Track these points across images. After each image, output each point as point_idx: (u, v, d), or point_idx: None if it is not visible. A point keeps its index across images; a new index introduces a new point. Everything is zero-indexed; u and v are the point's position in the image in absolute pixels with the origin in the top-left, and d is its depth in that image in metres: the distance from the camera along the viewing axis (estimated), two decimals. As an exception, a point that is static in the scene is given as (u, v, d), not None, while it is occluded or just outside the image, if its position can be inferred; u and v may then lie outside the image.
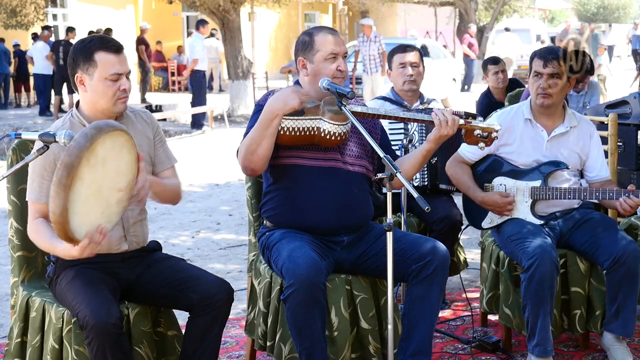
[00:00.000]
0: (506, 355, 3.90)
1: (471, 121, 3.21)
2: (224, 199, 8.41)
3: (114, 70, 3.01)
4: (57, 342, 2.97)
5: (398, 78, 4.65)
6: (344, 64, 3.34)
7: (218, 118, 15.89)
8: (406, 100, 4.65)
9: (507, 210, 3.81)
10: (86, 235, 2.72)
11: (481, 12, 29.40)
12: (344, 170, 3.33)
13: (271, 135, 3.18)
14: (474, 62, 21.96)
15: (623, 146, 4.72)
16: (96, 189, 2.72)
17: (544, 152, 3.82)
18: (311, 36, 3.37)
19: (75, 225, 2.67)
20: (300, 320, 3.08)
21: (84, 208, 2.68)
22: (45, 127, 3.06)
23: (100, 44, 3.02)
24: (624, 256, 3.58)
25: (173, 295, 3.08)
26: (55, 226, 2.64)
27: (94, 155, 2.66)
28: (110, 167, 2.76)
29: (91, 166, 2.66)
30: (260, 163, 3.23)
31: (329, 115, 3.20)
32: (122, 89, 3.03)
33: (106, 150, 2.71)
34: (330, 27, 3.63)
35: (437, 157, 4.43)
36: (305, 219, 3.31)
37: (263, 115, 3.18)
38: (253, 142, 3.20)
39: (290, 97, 3.13)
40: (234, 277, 5.37)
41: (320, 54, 3.33)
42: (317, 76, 3.34)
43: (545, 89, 3.75)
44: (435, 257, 3.22)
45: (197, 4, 15.68)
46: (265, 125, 3.17)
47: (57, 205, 2.59)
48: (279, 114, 3.15)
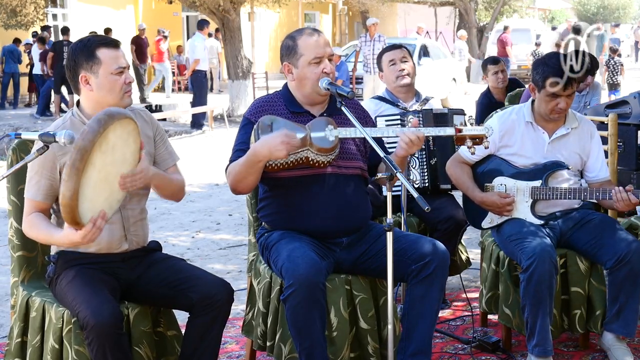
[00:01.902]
0: (506, 355, 3.90)
1: (462, 129, 3.20)
2: (224, 199, 8.41)
3: (118, 65, 3.04)
4: (57, 342, 2.97)
5: (390, 75, 4.65)
6: (330, 66, 3.31)
7: (218, 118, 15.89)
8: (401, 99, 4.65)
9: (506, 211, 3.81)
10: (90, 220, 2.73)
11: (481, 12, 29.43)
12: (338, 174, 3.32)
13: (257, 172, 3.21)
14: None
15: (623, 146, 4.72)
16: (105, 175, 2.76)
17: (545, 154, 3.82)
18: (294, 40, 3.35)
19: (83, 209, 2.69)
20: (300, 320, 3.08)
21: (92, 193, 2.71)
22: (45, 127, 3.07)
23: (100, 41, 3.06)
24: (627, 255, 3.58)
25: (173, 296, 3.08)
26: (64, 209, 2.65)
27: (105, 141, 2.70)
28: (118, 154, 2.80)
29: (102, 152, 2.70)
30: (248, 189, 3.34)
31: (316, 147, 3.20)
32: (128, 82, 3.07)
33: (117, 137, 2.76)
34: (313, 28, 3.61)
35: (437, 158, 4.43)
36: (303, 225, 3.31)
37: (249, 155, 3.17)
38: (239, 175, 3.23)
39: (278, 147, 3.08)
40: (233, 277, 5.37)
41: (304, 58, 3.31)
42: (302, 81, 3.33)
43: (563, 109, 3.74)
44: (435, 257, 3.22)
45: (197, 4, 15.68)
46: (251, 165, 3.18)
47: (68, 188, 2.61)
48: (263, 160, 3.15)
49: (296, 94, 3.39)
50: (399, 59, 4.63)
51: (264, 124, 3.21)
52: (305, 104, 3.38)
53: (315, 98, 3.35)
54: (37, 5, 18.08)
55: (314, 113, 3.38)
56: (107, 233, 3.01)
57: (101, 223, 2.77)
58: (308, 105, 3.38)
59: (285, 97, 3.41)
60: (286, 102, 3.39)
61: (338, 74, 14.66)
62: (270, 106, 3.39)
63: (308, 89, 3.34)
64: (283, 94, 3.43)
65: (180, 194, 3.28)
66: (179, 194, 3.27)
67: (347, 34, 31.91)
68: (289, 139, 3.09)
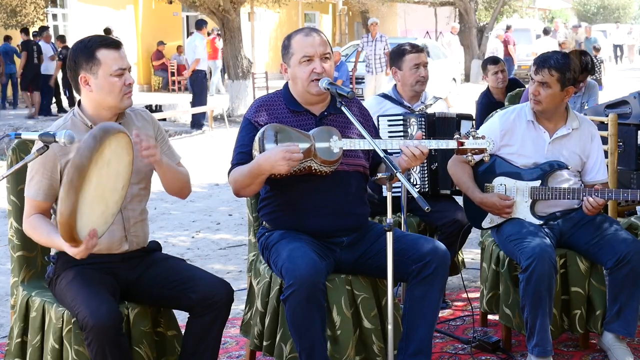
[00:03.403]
0: (506, 355, 3.90)
1: (464, 142, 3.21)
2: (223, 199, 8.41)
3: (118, 66, 3.02)
4: (57, 342, 2.97)
5: (410, 78, 4.60)
6: (321, 66, 3.28)
7: (218, 118, 15.89)
8: (407, 100, 4.64)
9: (505, 212, 3.81)
10: (84, 240, 2.73)
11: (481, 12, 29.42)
12: (340, 170, 3.32)
13: (260, 183, 3.23)
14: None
15: (623, 146, 4.71)
16: (100, 191, 2.74)
17: (545, 154, 3.83)
18: (289, 39, 3.37)
19: (80, 226, 2.69)
20: (300, 320, 3.07)
21: (89, 210, 2.70)
22: (45, 127, 3.06)
23: (100, 42, 3.04)
24: (628, 255, 3.58)
25: (173, 296, 3.08)
26: (62, 227, 2.65)
27: (101, 157, 2.69)
28: (113, 169, 2.78)
29: (99, 168, 2.68)
30: (251, 195, 3.41)
31: (321, 159, 3.20)
32: (128, 84, 3.05)
33: (112, 152, 2.74)
34: (312, 27, 3.61)
35: (437, 163, 4.42)
36: (304, 223, 3.31)
37: (252, 168, 3.17)
38: (242, 183, 3.25)
39: (280, 163, 3.07)
40: (233, 277, 5.37)
41: (295, 57, 3.31)
42: (294, 80, 3.34)
43: (535, 96, 3.78)
44: (435, 257, 3.22)
45: (197, 4, 15.67)
46: (254, 177, 3.19)
47: (66, 206, 2.60)
48: (265, 174, 3.15)
49: (294, 93, 3.39)
50: (422, 64, 4.62)
51: (269, 134, 3.19)
52: (304, 104, 3.38)
53: (309, 98, 3.35)
54: (37, 5, 18.07)
55: (314, 112, 3.38)
56: (108, 234, 3.00)
57: (94, 242, 2.76)
58: (307, 104, 3.38)
59: (285, 96, 3.41)
60: (286, 102, 3.39)
61: (338, 74, 14.65)
62: (270, 106, 3.38)
63: (300, 88, 3.34)
64: (283, 93, 3.43)
65: (187, 189, 3.26)
66: (186, 188, 3.25)
67: (347, 34, 31.91)
68: (291, 155, 3.08)
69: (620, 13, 48.02)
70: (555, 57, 3.76)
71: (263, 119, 3.33)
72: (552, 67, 3.73)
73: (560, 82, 3.72)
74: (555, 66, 3.72)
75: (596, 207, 3.66)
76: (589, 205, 3.66)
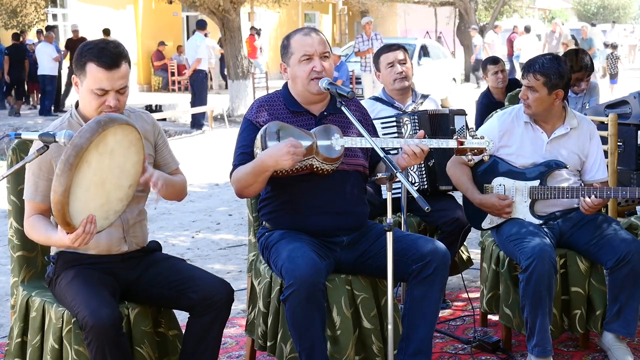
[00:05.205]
0: (506, 355, 3.90)
1: (464, 142, 3.21)
2: (223, 199, 8.41)
3: (100, 86, 2.94)
4: (57, 342, 2.97)
5: (388, 77, 4.62)
6: (320, 64, 3.28)
7: (218, 118, 15.89)
8: (397, 101, 4.63)
9: (505, 213, 3.81)
10: (80, 224, 2.72)
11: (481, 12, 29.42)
12: (340, 170, 3.32)
13: (263, 181, 3.22)
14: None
15: (623, 146, 4.71)
16: (100, 179, 2.73)
17: (544, 154, 3.83)
18: (288, 39, 3.37)
19: (74, 209, 2.67)
20: (300, 320, 3.07)
21: (85, 195, 2.69)
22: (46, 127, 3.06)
23: (95, 55, 2.93)
24: (629, 255, 3.59)
25: (173, 296, 3.08)
26: (55, 206, 2.63)
27: (104, 143, 2.68)
28: (117, 162, 2.77)
29: (100, 154, 2.68)
30: (254, 194, 3.38)
31: (322, 156, 3.21)
32: (107, 105, 2.95)
33: (116, 141, 2.73)
34: (312, 27, 3.61)
35: (434, 159, 4.42)
36: (304, 223, 3.32)
37: (255, 165, 3.18)
38: (246, 182, 3.24)
39: (284, 158, 3.08)
40: (233, 277, 5.37)
41: (294, 56, 3.32)
42: (294, 79, 3.34)
43: (524, 100, 3.81)
44: (435, 257, 3.22)
45: (197, 4, 15.67)
46: (257, 174, 3.19)
47: (60, 183, 2.59)
48: (269, 170, 3.15)
49: (294, 93, 3.39)
50: (397, 61, 4.61)
51: (271, 131, 3.20)
52: (304, 104, 3.38)
53: (309, 97, 3.35)
54: (37, 5, 18.07)
55: (314, 112, 3.38)
56: (106, 235, 3.01)
57: (91, 228, 2.73)
58: (307, 104, 3.38)
59: (285, 96, 3.41)
60: (286, 102, 3.39)
61: (338, 74, 14.66)
62: (270, 106, 3.38)
63: (300, 87, 3.34)
64: (283, 93, 3.43)
65: (183, 195, 3.28)
66: (182, 194, 3.27)
67: (347, 34, 31.91)
68: (294, 149, 3.09)
69: (620, 13, 48.04)
70: (541, 61, 3.76)
71: (264, 119, 3.33)
72: (537, 71, 3.73)
73: (547, 86, 3.73)
74: (540, 70, 3.73)
75: (593, 207, 3.66)
76: (585, 205, 3.66)
